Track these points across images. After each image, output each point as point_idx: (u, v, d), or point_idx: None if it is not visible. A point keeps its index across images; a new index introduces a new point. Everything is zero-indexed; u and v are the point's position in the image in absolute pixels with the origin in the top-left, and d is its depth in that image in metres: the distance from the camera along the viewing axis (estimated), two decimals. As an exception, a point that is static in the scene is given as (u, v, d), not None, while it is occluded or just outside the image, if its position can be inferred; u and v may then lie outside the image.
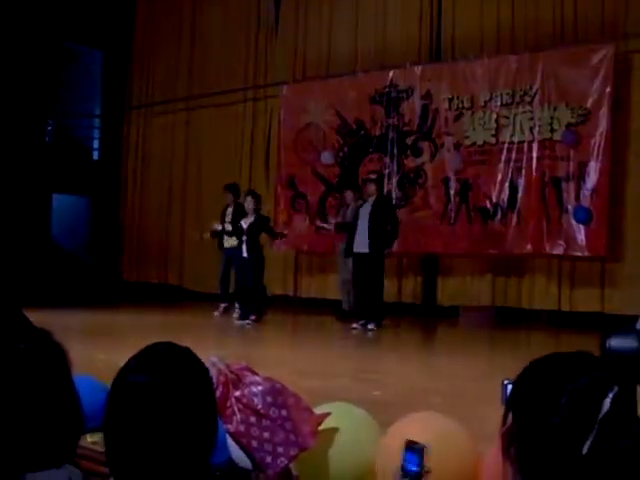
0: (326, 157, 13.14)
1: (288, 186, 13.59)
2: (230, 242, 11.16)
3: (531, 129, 11.41)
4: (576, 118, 10.98)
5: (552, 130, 11.22)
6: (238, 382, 2.65)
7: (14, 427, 2.20)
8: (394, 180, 12.57)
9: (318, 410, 2.90)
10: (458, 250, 11.97)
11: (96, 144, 16.65)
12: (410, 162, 12.48)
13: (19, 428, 2.20)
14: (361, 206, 10.57)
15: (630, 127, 10.81)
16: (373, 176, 11.06)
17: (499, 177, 11.62)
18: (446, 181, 12.09)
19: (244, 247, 10.50)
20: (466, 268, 12.12)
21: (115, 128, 16.29)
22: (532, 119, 11.41)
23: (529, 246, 11.31)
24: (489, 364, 7.99)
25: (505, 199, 11.55)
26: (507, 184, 11.55)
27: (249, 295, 10.48)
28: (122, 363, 2.25)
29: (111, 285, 15.09)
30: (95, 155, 16.58)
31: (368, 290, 10.05)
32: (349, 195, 11.60)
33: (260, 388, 2.68)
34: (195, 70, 15.35)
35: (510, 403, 1.68)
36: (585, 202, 10.88)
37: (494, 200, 11.64)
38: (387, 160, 12.68)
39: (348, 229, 10.62)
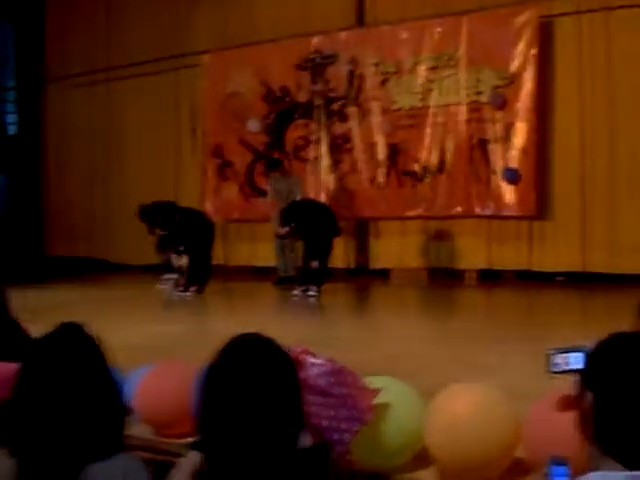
0: (253, 125, 13.09)
1: (215, 155, 13.48)
2: None
3: (458, 92, 11.57)
4: (502, 80, 11.19)
5: (478, 93, 11.41)
6: (300, 365, 2.68)
7: (62, 421, 2.24)
8: (322, 146, 12.61)
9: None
10: (389, 214, 12.12)
11: (11, 118, 16.15)
12: (338, 128, 12.54)
13: (66, 422, 2.25)
14: None
15: (556, 88, 11.06)
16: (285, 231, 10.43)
17: (427, 140, 11.78)
18: (374, 146, 12.19)
19: None
20: (397, 231, 12.26)
21: (32, 101, 15.87)
22: (458, 82, 11.56)
23: (459, 208, 11.55)
24: (433, 324, 8.16)
25: (434, 162, 11.72)
26: (436, 147, 11.72)
27: (194, 267, 10.43)
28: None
29: (35, 261, 14.72)
30: (11, 130, 16.10)
31: (314, 258, 10.05)
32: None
33: (323, 369, 2.73)
34: (114, 40, 14.97)
35: (588, 381, 1.75)
36: (513, 163, 11.13)
37: (423, 163, 11.81)
38: (314, 126, 12.71)
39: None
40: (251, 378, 2.02)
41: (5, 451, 2.26)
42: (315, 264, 9.98)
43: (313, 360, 2.72)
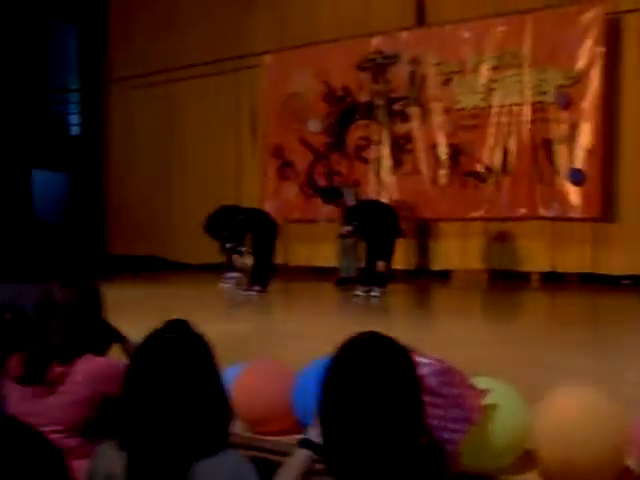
0: (313, 125, 13.13)
1: (275, 155, 13.56)
2: None
3: (521, 92, 11.48)
4: (567, 80, 11.07)
5: (543, 92, 11.30)
6: (412, 364, 2.67)
7: (171, 417, 2.27)
8: (384, 146, 12.61)
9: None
10: (451, 215, 12.08)
11: (74, 119, 16.46)
12: (399, 128, 12.53)
13: (175, 418, 2.28)
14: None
15: (622, 87, 10.93)
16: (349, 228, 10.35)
17: (490, 141, 11.71)
18: (436, 146, 12.15)
19: None
20: (458, 232, 12.20)
21: (95, 102, 16.13)
22: (522, 82, 11.47)
23: (523, 209, 11.45)
24: (498, 327, 8.02)
25: (497, 163, 11.65)
26: (499, 147, 11.65)
27: (258, 266, 10.49)
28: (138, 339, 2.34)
29: (97, 259, 14.90)
30: (74, 130, 16.44)
31: (377, 258, 10.01)
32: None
33: (433, 368, 2.72)
34: (174, 42, 15.14)
35: None
36: (578, 163, 11.01)
37: (486, 164, 11.74)
38: (375, 126, 12.71)
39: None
40: (376, 377, 2.04)
41: (113, 443, 2.29)
42: (381, 265, 9.94)
43: (423, 360, 2.70)
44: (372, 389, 2.01)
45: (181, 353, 2.34)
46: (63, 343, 2.99)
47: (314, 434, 2.40)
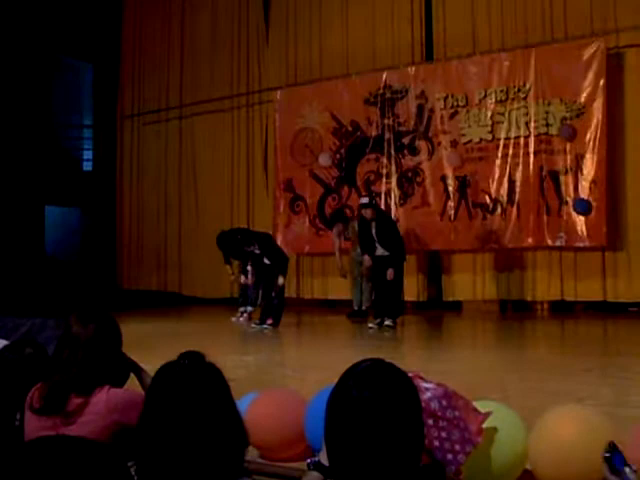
0: (323, 159, 13.32)
1: (286, 189, 13.74)
2: None
3: (527, 124, 11.69)
4: (571, 112, 11.28)
5: (547, 125, 11.51)
6: (414, 389, 2.83)
7: (192, 442, 2.35)
8: (393, 179, 12.79)
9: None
10: (460, 246, 12.22)
11: (86, 155, 16.67)
12: (408, 161, 12.71)
13: (196, 443, 2.37)
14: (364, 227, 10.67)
15: (625, 119, 11.16)
16: (365, 200, 10.78)
17: (497, 173, 11.89)
18: (444, 179, 12.34)
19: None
20: (468, 263, 12.35)
21: (107, 138, 16.34)
22: (527, 114, 11.70)
23: (530, 239, 11.61)
24: (510, 356, 8.12)
25: (504, 194, 11.82)
26: (505, 179, 11.82)
27: (267, 299, 10.61)
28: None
29: (109, 294, 14.99)
30: (86, 166, 16.65)
31: (388, 289, 10.17)
32: (338, 228, 11.80)
33: (435, 393, 2.89)
34: (186, 78, 15.45)
35: None
36: (584, 193, 11.18)
37: (493, 195, 11.92)
38: (384, 160, 12.90)
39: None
40: (375, 400, 2.11)
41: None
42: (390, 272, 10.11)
43: (425, 384, 2.87)
44: (371, 412, 2.08)
45: (197, 380, 2.43)
46: (82, 374, 3.02)
47: (324, 457, 2.55)
